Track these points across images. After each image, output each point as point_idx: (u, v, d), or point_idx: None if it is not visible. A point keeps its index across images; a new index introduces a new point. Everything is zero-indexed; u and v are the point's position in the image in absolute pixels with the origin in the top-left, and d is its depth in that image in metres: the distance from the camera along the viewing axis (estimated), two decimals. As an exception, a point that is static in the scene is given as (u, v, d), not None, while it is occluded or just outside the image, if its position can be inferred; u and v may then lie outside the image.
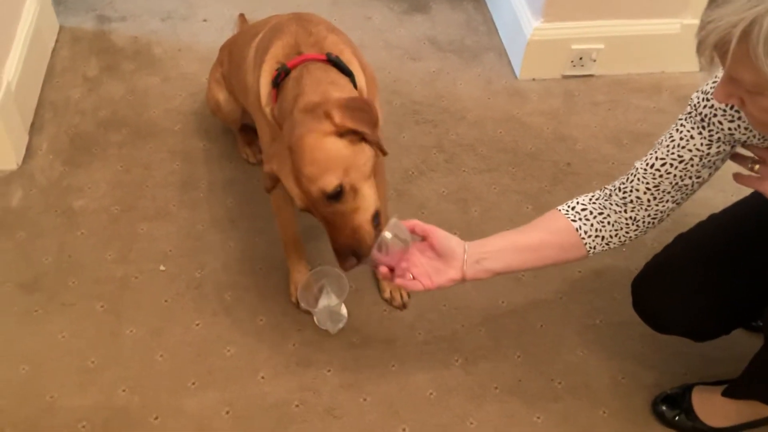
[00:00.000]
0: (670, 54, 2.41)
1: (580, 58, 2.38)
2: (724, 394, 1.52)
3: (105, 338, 1.70)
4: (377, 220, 1.30)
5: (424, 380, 1.66)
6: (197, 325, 1.74)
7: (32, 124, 2.18)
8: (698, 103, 1.29)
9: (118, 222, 1.95)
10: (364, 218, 1.27)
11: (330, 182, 1.22)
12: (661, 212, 1.38)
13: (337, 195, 1.23)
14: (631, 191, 1.37)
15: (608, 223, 1.39)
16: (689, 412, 1.59)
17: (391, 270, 1.32)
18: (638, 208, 1.38)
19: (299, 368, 1.67)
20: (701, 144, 1.30)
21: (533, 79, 2.42)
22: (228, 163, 2.11)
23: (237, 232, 1.94)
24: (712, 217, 1.53)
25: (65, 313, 1.74)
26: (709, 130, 1.28)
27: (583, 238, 1.39)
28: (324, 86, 1.32)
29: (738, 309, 1.45)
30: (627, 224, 1.39)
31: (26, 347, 1.68)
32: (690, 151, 1.31)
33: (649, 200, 1.37)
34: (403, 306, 1.77)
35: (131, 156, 2.12)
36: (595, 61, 2.39)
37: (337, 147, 1.22)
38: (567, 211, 1.41)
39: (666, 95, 2.39)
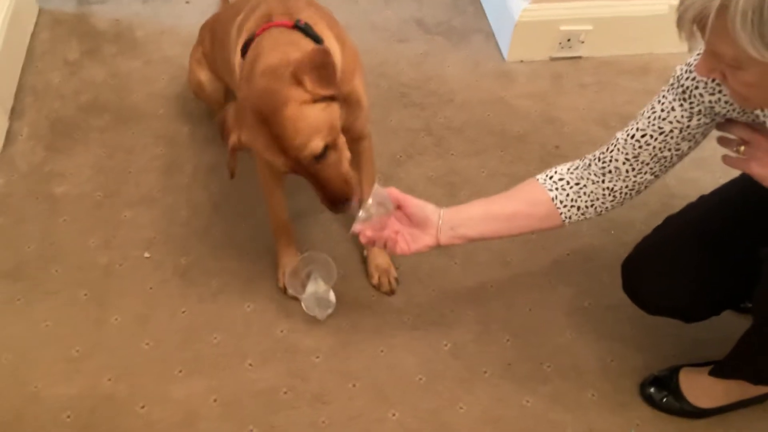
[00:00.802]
0: (658, 35, 2.39)
1: (568, 40, 2.36)
2: (711, 373, 1.53)
3: (89, 326, 1.68)
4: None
5: (413, 365, 1.66)
6: (183, 312, 1.72)
7: (12, 109, 2.14)
8: (681, 75, 1.29)
9: (101, 208, 1.92)
10: (345, 166, 1.35)
11: (317, 146, 1.26)
12: (639, 183, 1.39)
13: (324, 154, 1.29)
14: (610, 161, 1.38)
15: (584, 193, 1.40)
16: (677, 393, 1.59)
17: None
18: (616, 178, 1.38)
19: (287, 354, 1.66)
20: (682, 116, 1.30)
21: (521, 61, 2.40)
22: (212, 147, 2.08)
23: (222, 218, 1.91)
24: (702, 199, 1.53)
25: (48, 301, 1.72)
26: (690, 102, 1.29)
27: (559, 208, 1.40)
28: (283, 47, 1.30)
29: (727, 290, 1.45)
30: (604, 194, 1.40)
31: (9, 336, 1.65)
32: (671, 123, 1.31)
33: (627, 171, 1.37)
34: (392, 292, 1.76)
35: (114, 141, 2.08)
36: (583, 42, 2.37)
37: (316, 113, 1.26)
38: (544, 180, 1.42)
39: (654, 77, 2.38)
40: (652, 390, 1.61)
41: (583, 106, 2.27)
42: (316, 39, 1.37)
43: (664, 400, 1.60)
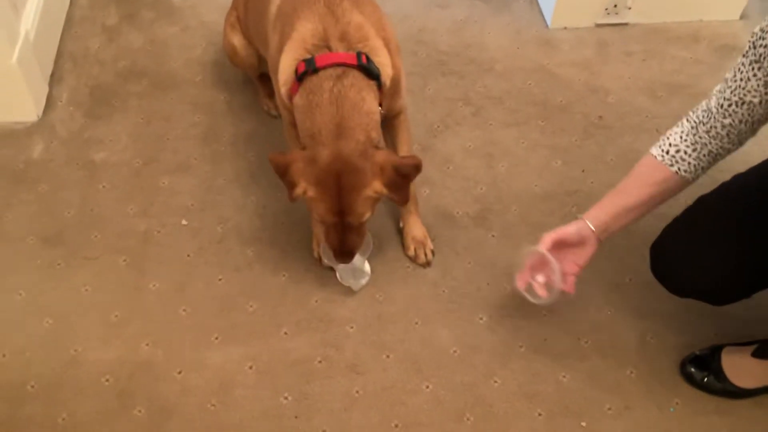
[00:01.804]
0: (708, 1, 2.30)
1: (615, 6, 2.28)
2: (755, 354, 1.49)
3: (128, 292, 1.70)
4: None
5: (448, 338, 1.64)
6: (220, 280, 1.73)
7: (52, 75, 2.15)
8: (756, 40, 1.21)
9: (139, 175, 1.93)
10: (365, 228, 1.57)
11: (366, 216, 1.50)
12: (750, 134, 1.35)
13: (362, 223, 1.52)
14: (713, 126, 1.34)
15: (704, 154, 1.37)
16: (719, 373, 1.56)
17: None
18: (725, 138, 1.34)
19: (322, 324, 1.66)
20: (758, 86, 1.23)
21: (565, 28, 2.33)
22: (249, 115, 2.07)
23: (259, 187, 1.91)
24: (736, 178, 1.47)
25: (88, 267, 1.74)
26: (764, 71, 1.21)
27: (686, 176, 1.39)
28: (362, 117, 1.43)
29: (761, 272, 1.40)
30: (721, 151, 1.36)
31: (50, 301, 1.68)
32: (749, 92, 1.25)
33: (730, 134, 1.33)
34: (428, 264, 1.75)
35: (152, 108, 2.09)
36: (630, 8, 2.29)
37: (378, 198, 1.49)
38: (662, 157, 1.39)
39: (704, 45, 2.29)
40: (692, 369, 1.58)
41: (629, 75, 2.20)
42: (377, 76, 1.47)
43: (705, 379, 1.56)
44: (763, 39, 1.20)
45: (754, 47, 1.22)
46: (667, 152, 1.39)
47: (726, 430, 1.52)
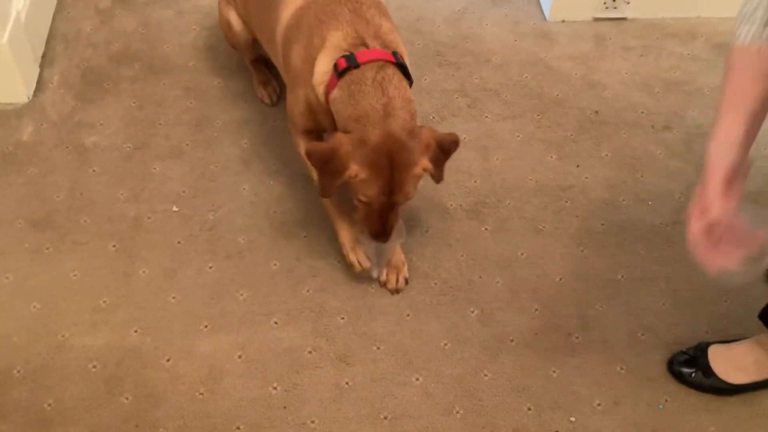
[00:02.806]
0: (707, -3, 2.30)
1: (613, 0, 2.26)
2: (760, 316, 1.47)
3: (117, 278, 1.69)
4: None
5: (439, 330, 1.64)
6: (210, 267, 1.72)
7: (43, 57, 2.12)
8: None
9: (130, 160, 1.91)
10: (402, 209, 1.56)
11: (412, 194, 1.50)
12: None
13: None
14: None
15: None
16: (706, 369, 1.56)
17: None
18: None
19: (313, 314, 1.65)
20: None
21: (563, 21, 2.31)
22: (243, 102, 2.05)
23: (252, 174, 1.89)
24: None
25: (77, 252, 1.72)
26: None
27: None
28: (406, 103, 1.46)
29: None
30: None
31: (38, 285, 1.66)
32: None
33: None
34: (397, 291, 1.69)
35: (144, 92, 2.06)
36: (628, 3, 2.28)
37: (422, 176, 1.50)
38: (760, 37, 1.13)
39: (701, 42, 2.28)
40: (680, 366, 1.59)
41: (626, 71, 2.19)
42: (410, 77, 1.53)
43: (693, 375, 1.57)
44: None
45: None
46: (759, 36, 1.12)
47: (714, 427, 1.53)
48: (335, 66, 1.47)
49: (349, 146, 1.42)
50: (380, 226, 1.52)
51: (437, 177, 1.53)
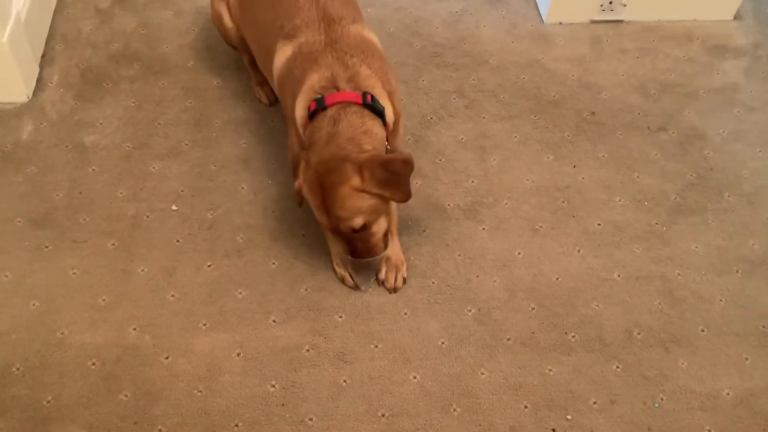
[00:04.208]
0: (703, 0, 2.31)
1: (610, 2, 2.28)
2: None
3: (116, 276, 1.69)
4: (386, 237, 1.62)
5: (436, 329, 1.65)
6: (209, 266, 1.72)
7: (43, 56, 2.13)
8: None
9: (129, 159, 1.91)
10: (377, 238, 1.58)
11: (357, 224, 1.51)
12: None
13: (361, 229, 1.53)
14: None
15: None
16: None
17: None
18: None
19: (311, 313, 1.66)
20: None
21: (560, 23, 2.33)
22: (242, 102, 2.06)
23: (250, 174, 1.90)
24: None
25: (76, 250, 1.73)
26: None
27: None
28: (358, 134, 1.51)
29: None
30: None
31: (37, 283, 1.67)
32: None
33: None
34: (394, 290, 1.70)
35: (143, 92, 2.07)
36: (625, 6, 2.29)
37: (365, 199, 1.49)
38: None
39: (697, 44, 2.30)
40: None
41: (623, 73, 2.21)
42: (381, 113, 1.56)
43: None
44: None
45: None
46: None
47: (709, 426, 1.54)
48: (308, 108, 1.56)
49: (303, 164, 1.53)
50: (351, 245, 1.58)
51: (397, 198, 1.53)
